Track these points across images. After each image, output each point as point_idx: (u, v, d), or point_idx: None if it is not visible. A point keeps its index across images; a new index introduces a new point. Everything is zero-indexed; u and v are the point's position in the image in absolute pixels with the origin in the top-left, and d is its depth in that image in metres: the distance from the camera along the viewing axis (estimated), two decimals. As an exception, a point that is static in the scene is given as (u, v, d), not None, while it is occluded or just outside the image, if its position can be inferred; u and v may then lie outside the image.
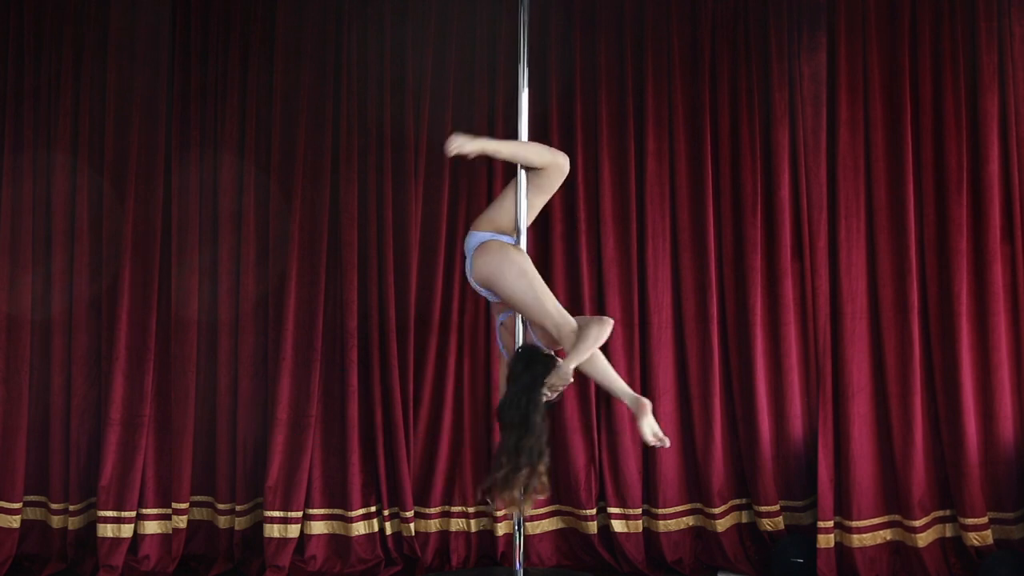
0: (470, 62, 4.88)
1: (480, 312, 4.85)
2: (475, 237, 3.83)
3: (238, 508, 4.79)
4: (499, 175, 4.81)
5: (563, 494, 4.83)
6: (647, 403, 3.56)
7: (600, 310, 4.81)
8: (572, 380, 3.58)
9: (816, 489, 4.63)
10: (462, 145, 3.70)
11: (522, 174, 3.83)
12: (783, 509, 4.75)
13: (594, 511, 4.80)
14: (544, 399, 3.55)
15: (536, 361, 3.60)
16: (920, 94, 4.71)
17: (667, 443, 3.52)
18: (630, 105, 4.85)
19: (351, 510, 4.77)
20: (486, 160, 4.84)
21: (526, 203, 3.84)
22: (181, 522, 4.77)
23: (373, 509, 4.82)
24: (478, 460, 4.85)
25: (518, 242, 3.83)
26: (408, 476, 4.76)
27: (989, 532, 4.55)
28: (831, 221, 4.75)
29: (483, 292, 3.82)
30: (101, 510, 4.68)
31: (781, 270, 4.74)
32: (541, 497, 3.71)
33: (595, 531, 4.79)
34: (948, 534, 4.65)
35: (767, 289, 4.78)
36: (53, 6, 4.89)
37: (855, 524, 4.60)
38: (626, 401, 3.61)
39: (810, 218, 4.75)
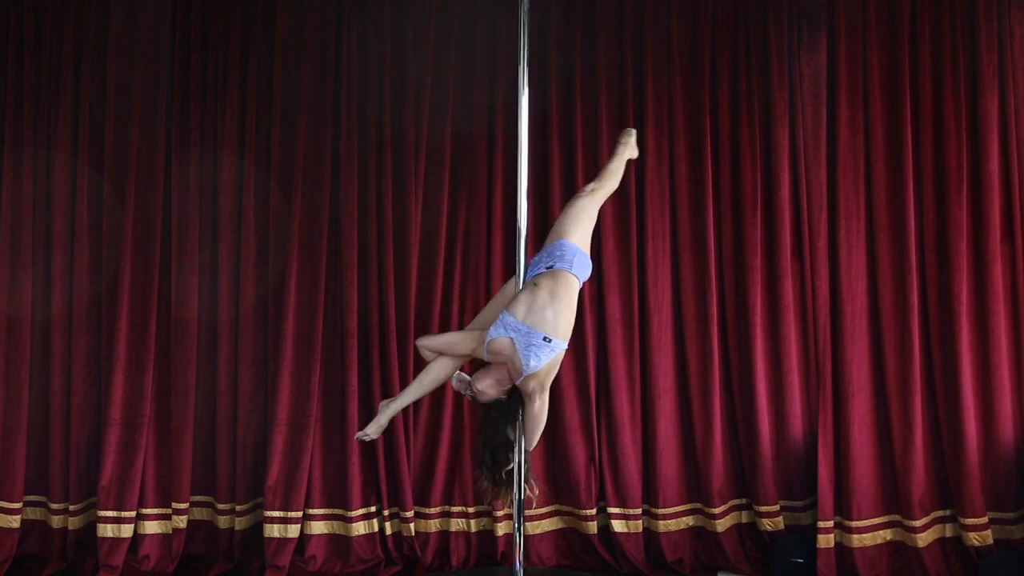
0: (470, 62, 4.88)
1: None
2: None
3: (238, 508, 4.79)
4: (499, 175, 4.81)
5: (563, 494, 4.84)
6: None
7: (600, 310, 4.82)
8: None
9: (816, 489, 4.63)
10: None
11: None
12: (783, 509, 4.75)
13: (594, 511, 4.80)
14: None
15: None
16: (920, 94, 4.71)
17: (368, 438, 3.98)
18: (630, 105, 4.85)
19: (351, 510, 4.76)
20: (486, 160, 4.85)
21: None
22: (181, 522, 4.77)
23: (373, 509, 4.82)
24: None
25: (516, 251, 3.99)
26: (408, 476, 4.76)
27: (989, 532, 4.56)
28: (831, 221, 4.75)
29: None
30: (101, 510, 4.68)
31: (781, 270, 4.74)
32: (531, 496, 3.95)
33: (595, 531, 4.79)
34: (948, 534, 4.65)
35: (767, 289, 4.77)
36: (53, 6, 4.89)
37: (855, 524, 4.60)
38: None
39: (810, 218, 4.75)
